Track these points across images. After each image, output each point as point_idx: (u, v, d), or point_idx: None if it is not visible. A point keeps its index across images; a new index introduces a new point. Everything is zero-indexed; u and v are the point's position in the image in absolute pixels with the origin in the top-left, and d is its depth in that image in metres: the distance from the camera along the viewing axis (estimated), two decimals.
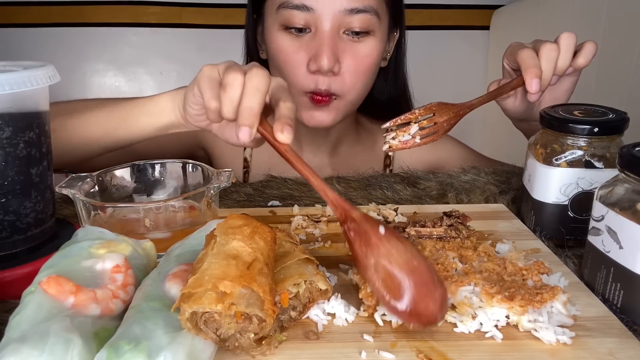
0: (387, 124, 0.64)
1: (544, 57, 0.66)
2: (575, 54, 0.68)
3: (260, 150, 0.70)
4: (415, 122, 0.64)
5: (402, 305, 0.36)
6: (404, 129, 0.64)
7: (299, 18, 0.80)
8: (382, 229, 0.38)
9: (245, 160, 1.01)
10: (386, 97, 1.00)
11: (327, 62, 0.79)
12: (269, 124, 0.52)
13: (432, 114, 0.65)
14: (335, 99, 0.85)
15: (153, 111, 0.67)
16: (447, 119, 0.65)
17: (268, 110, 0.55)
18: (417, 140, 0.64)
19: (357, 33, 0.82)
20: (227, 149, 0.93)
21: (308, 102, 0.85)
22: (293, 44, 0.83)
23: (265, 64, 0.91)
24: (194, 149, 1.02)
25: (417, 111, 0.65)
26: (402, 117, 0.65)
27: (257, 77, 0.52)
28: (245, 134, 0.50)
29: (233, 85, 0.51)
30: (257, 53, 0.95)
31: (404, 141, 0.64)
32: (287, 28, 0.82)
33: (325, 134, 0.98)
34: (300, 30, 0.82)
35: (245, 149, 1.01)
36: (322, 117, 0.86)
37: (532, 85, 0.64)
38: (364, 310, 0.45)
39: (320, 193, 0.48)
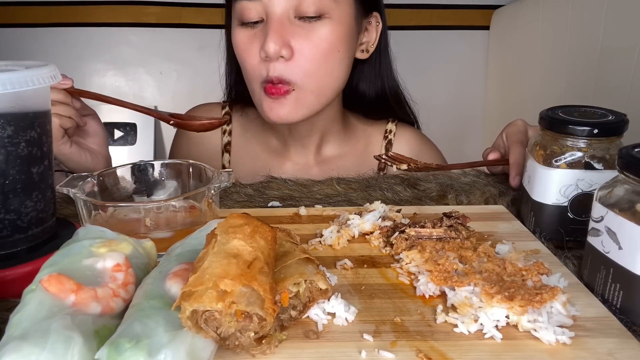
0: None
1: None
2: None
3: (241, 156, 0.71)
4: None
5: None
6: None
7: (251, 10, 0.80)
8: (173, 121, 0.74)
9: (223, 167, 0.99)
10: (373, 93, 0.95)
11: (273, 45, 0.77)
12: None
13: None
14: (293, 90, 0.82)
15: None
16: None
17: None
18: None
19: (310, 17, 0.79)
20: (205, 156, 0.94)
21: (265, 95, 0.83)
22: (248, 35, 0.82)
23: None
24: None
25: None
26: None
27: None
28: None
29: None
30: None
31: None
32: (244, 23, 0.82)
33: (308, 133, 0.95)
34: (256, 23, 0.81)
35: (222, 155, 1.00)
36: (280, 110, 0.83)
37: (514, 180, 0.76)
38: None
39: (143, 112, 0.76)
